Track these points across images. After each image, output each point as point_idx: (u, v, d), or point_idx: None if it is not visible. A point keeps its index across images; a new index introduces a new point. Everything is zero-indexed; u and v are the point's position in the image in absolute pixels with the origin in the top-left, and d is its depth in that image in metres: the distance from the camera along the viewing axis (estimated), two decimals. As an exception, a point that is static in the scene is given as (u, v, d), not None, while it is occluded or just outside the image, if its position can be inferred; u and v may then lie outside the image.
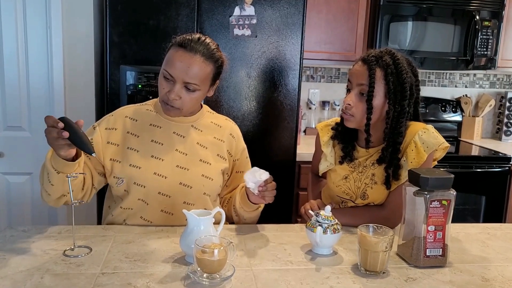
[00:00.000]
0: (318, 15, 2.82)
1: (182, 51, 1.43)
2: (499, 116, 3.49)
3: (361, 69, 1.49)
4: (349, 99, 1.51)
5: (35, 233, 1.39)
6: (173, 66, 1.43)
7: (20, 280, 1.10)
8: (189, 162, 1.54)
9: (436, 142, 1.49)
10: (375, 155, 1.56)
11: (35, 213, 2.46)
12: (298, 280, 1.16)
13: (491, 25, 2.93)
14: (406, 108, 1.48)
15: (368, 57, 1.49)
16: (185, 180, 1.52)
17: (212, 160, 1.57)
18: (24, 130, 2.40)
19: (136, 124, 1.55)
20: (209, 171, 1.55)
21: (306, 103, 3.27)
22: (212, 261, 1.10)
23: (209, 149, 1.58)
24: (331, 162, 1.64)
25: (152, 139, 1.53)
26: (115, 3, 2.23)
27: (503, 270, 1.27)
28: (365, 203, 1.58)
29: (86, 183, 1.51)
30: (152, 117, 1.57)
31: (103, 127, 1.55)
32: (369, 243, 1.19)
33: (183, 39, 1.46)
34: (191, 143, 1.56)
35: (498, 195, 2.83)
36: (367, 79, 1.46)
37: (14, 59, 2.33)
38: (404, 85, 1.46)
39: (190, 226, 1.22)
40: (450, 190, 1.25)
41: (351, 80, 1.53)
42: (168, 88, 1.45)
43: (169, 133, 1.55)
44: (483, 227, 1.62)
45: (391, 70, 1.46)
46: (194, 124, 1.59)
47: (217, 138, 1.61)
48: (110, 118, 1.57)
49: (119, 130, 1.54)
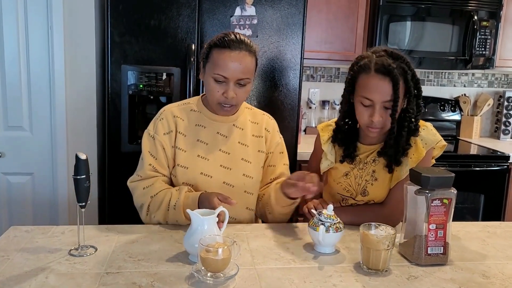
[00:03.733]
0: (319, 15, 2.83)
1: (229, 51, 1.47)
2: (497, 115, 3.51)
3: (384, 84, 1.43)
4: (378, 117, 1.46)
5: (38, 234, 1.40)
6: (225, 67, 1.46)
7: (25, 280, 1.11)
8: (232, 161, 1.58)
9: (434, 139, 1.53)
10: (376, 151, 1.57)
11: (36, 213, 2.46)
12: (301, 279, 1.17)
13: (489, 25, 2.94)
14: (422, 104, 1.52)
15: (388, 69, 1.42)
16: (228, 179, 1.57)
17: (252, 158, 1.61)
18: (25, 130, 2.40)
19: (184, 124, 1.58)
20: (249, 169, 1.60)
21: (306, 102, 3.28)
22: (216, 260, 1.11)
23: (250, 146, 1.62)
24: (331, 161, 1.65)
25: (198, 139, 1.57)
26: (116, 3, 2.23)
27: (503, 268, 1.28)
28: (366, 200, 1.59)
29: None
30: (197, 117, 1.60)
31: (162, 133, 1.57)
32: (371, 241, 1.20)
33: (223, 41, 1.48)
34: (233, 142, 1.60)
35: (497, 194, 2.84)
36: (392, 95, 1.43)
37: (15, 59, 2.33)
38: (418, 85, 1.49)
39: (194, 225, 1.23)
40: (451, 189, 1.26)
41: (371, 98, 1.45)
42: (222, 89, 1.49)
43: (213, 133, 1.59)
44: (483, 226, 1.63)
45: (409, 76, 1.46)
46: (235, 123, 1.62)
47: (256, 135, 1.65)
48: (163, 122, 1.58)
49: (174, 131, 1.57)
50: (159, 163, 1.56)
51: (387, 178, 1.56)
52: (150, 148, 1.56)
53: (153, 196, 1.51)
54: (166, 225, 1.51)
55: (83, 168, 1.25)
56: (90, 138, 2.42)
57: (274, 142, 1.68)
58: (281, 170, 1.68)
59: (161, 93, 2.34)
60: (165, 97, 2.34)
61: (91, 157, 2.33)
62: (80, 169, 1.24)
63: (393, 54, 1.49)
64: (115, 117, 2.33)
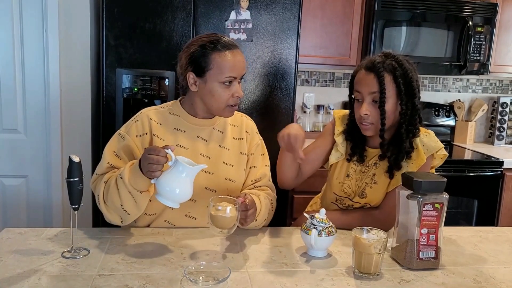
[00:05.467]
0: (314, 20, 2.84)
1: (231, 52, 1.48)
2: (492, 120, 3.52)
3: (369, 77, 1.49)
4: (365, 109, 1.50)
5: (31, 236, 1.40)
6: (234, 68, 1.47)
7: (18, 282, 1.11)
8: (213, 165, 1.55)
9: (436, 146, 1.54)
10: (378, 155, 1.59)
11: (30, 216, 2.45)
12: (293, 282, 1.17)
13: (483, 30, 2.96)
14: (417, 105, 1.52)
15: (374, 64, 1.49)
16: (210, 184, 1.53)
17: (234, 161, 1.59)
18: (19, 133, 2.40)
19: (160, 128, 1.54)
20: (231, 173, 1.58)
21: (301, 107, 3.29)
22: (225, 217, 1.27)
23: (231, 149, 1.60)
24: (342, 153, 1.65)
25: (177, 144, 1.53)
26: (111, 6, 2.24)
27: (495, 273, 1.29)
28: (362, 202, 1.59)
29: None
30: (176, 121, 1.56)
31: (134, 135, 1.52)
32: (363, 245, 1.20)
33: (223, 43, 1.48)
34: (213, 146, 1.58)
35: (490, 199, 2.85)
36: (377, 86, 1.48)
37: (10, 62, 2.33)
38: (412, 83, 1.50)
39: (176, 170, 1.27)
40: (443, 194, 1.27)
41: (360, 90, 1.52)
42: (232, 90, 1.50)
43: (193, 137, 1.56)
44: (475, 230, 1.64)
45: (399, 73, 1.48)
46: (215, 127, 1.60)
47: (236, 138, 1.63)
48: (137, 124, 1.54)
49: (148, 134, 1.53)
50: (123, 163, 1.48)
51: (386, 182, 1.57)
52: (116, 149, 1.51)
53: (105, 182, 1.44)
54: (159, 228, 1.51)
55: (76, 171, 1.25)
56: (84, 141, 2.42)
57: (254, 143, 1.66)
58: (262, 171, 1.65)
59: (155, 96, 2.34)
60: (159, 100, 2.34)
61: (86, 160, 2.33)
62: (73, 172, 1.25)
63: (388, 54, 1.53)
64: (110, 120, 2.32)
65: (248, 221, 1.39)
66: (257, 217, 1.46)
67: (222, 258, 1.31)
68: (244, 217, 1.36)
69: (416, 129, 1.53)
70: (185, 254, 1.31)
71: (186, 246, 1.37)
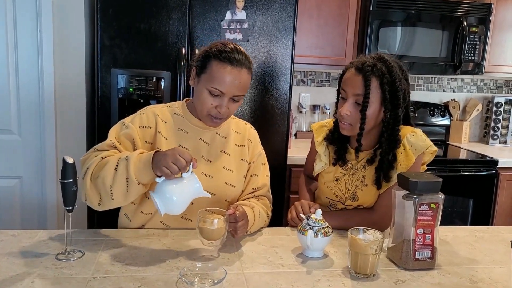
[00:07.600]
0: (309, 20, 2.84)
1: (230, 68, 1.43)
2: (486, 120, 3.54)
3: (357, 79, 1.48)
4: (345, 109, 1.50)
5: (25, 238, 1.39)
6: (223, 82, 1.43)
7: (11, 285, 1.10)
8: (213, 169, 1.55)
9: (424, 145, 1.51)
10: (366, 158, 1.57)
11: (24, 218, 2.44)
12: (289, 283, 1.17)
13: (478, 31, 2.97)
14: (400, 115, 1.50)
15: (363, 66, 1.47)
16: (209, 187, 1.50)
17: (235, 167, 1.59)
18: (13, 133, 2.38)
19: (165, 126, 1.54)
20: (232, 178, 1.57)
21: (297, 107, 3.29)
22: (212, 229, 1.27)
23: (232, 155, 1.60)
24: (325, 162, 1.66)
25: (179, 144, 1.53)
26: (106, 7, 2.22)
27: (490, 272, 1.29)
28: (355, 205, 1.59)
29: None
30: (180, 122, 1.56)
31: (137, 125, 1.51)
32: (359, 246, 1.20)
33: (225, 55, 1.43)
34: (215, 150, 1.57)
35: (485, 198, 2.86)
36: (362, 89, 1.46)
37: (4, 62, 2.31)
38: (397, 93, 1.47)
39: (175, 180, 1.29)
40: (439, 194, 1.27)
41: (345, 89, 1.51)
42: (216, 102, 1.46)
43: (196, 139, 1.56)
44: (471, 230, 1.64)
45: (386, 80, 1.46)
46: (219, 131, 1.60)
47: (238, 144, 1.63)
48: (142, 116, 1.53)
49: (153, 129, 1.52)
50: (123, 147, 1.46)
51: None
52: (117, 134, 1.49)
53: (103, 158, 1.39)
54: (154, 229, 1.51)
55: (70, 172, 1.24)
56: (79, 141, 2.41)
57: (256, 152, 1.66)
58: (263, 181, 1.66)
59: (151, 96, 2.33)
60: (155, 100, 2.34)
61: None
62: (67, 173, 1.24)
63: (381, 58, 1.51)
64: (105, 121, 2.31)
65: (239, 232, 1.38)
66: (250, 229, 1.46)
67: (217, 259, 1.30)
68: (233, 228, 1.36)
69: (397, 142, 1.51)
70: (180, 256, 1.31)
71: (181, 248, 1.37)
